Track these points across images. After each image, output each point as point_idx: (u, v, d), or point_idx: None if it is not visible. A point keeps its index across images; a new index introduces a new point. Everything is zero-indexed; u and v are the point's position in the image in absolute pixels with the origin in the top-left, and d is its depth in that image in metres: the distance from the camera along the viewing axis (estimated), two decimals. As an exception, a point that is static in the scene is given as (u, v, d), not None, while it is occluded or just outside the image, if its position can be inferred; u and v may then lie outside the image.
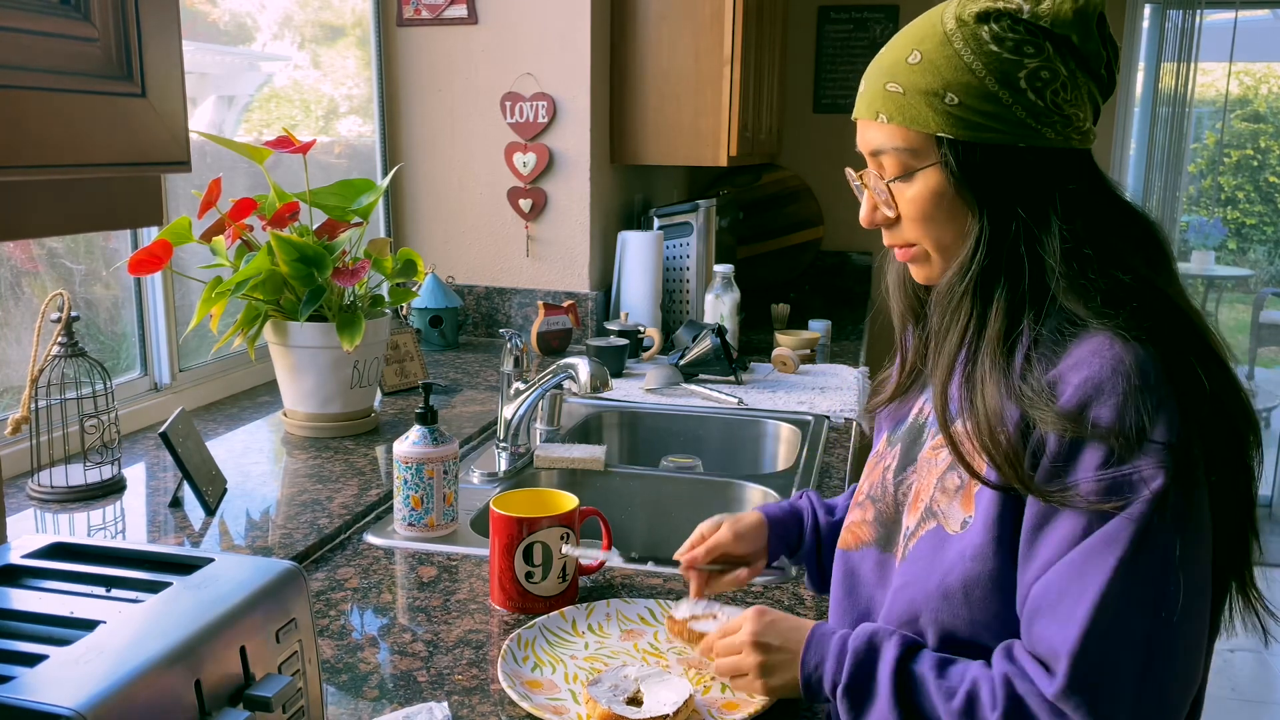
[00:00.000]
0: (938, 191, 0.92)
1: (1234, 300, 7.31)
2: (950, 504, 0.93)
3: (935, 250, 0.96)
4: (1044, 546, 0.85)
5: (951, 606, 0.91)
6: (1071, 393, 0.83)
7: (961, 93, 0.89)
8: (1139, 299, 0.87)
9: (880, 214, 0.98)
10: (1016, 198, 0.90)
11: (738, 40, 2.68)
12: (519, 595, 1.24)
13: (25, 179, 0.66)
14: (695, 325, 2.48)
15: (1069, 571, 0.83)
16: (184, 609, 0.74)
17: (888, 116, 0.92)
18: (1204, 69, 5.04)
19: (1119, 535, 0.81)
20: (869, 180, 0.98)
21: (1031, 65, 0.88)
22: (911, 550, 0.96)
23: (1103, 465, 0.82)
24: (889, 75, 0.93)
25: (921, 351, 1.07)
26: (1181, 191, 4.94)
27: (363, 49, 2.75)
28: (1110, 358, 0.83)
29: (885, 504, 1.03)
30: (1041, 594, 0.84)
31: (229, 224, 1.76)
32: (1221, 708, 3.19)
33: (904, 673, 0.90)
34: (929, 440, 1.01)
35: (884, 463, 1.07)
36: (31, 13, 0.64)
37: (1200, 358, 0.86)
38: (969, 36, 0.89)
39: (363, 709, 1.03)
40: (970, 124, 0.89)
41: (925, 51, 0.91)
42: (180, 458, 1.43)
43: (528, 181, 2.73)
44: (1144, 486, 0.81)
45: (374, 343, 1.87)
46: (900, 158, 0.93)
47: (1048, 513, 0.85)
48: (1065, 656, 0.81)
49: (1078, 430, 0.83)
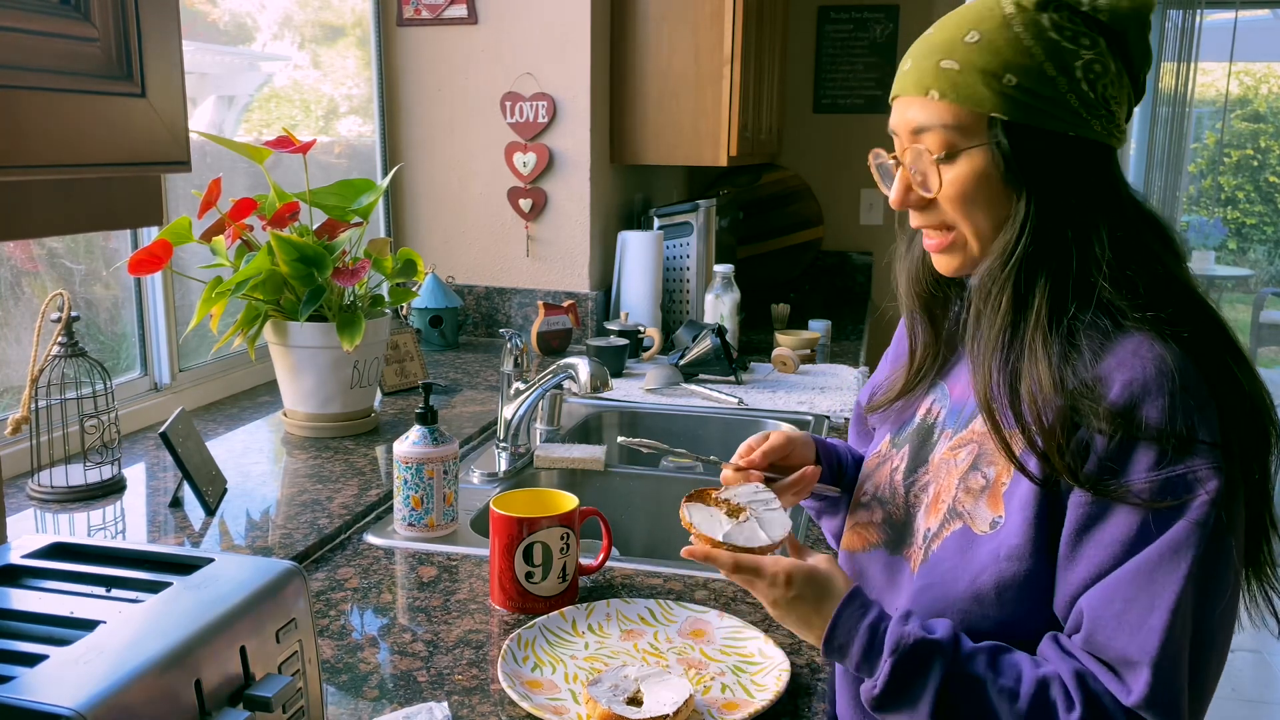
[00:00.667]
0: (983, 173, 0.91)
1: (1234, 300, 7.30)
2: (976, 504, 0.93)
3: (972, 235, 0.94)
4: (1093, 548, 0.85)
5: (982, 608, 0.90)
6: (1119, 391, 0.84)
7: (1020, 75, 0.88)
8: (1176, 297, 0.88)
9: (915, 195, 0.95)
10: (1063, 185, 0.90)
11: (738, 40, 2.68)
12: (519, 595, 1.24)
13: (25, 179, 0.66)
14: (695, 325, 2.48)
15: (1136, 579, 0.82)
16: (184, 609, 0.74)
17: (940, 93, 0.91)
18: (1204, 69, 5.04)
19: (1187, 541, 0.81)
20: (907, 158, 0.95)
21: (1087, 56, 0.89)
22: (935, 552, 0.95)
23: (1155, 465, 0.82)
24: (944, 53, 0.91)
25: (934, 348, 1.07)
26: (1181, 191, 4.94)
27: (363, 49, 2.75)
28: (1153, 358, 0.84)
29: (895, 505, 1.02)
30: (1104, 602, 0.83)
31: (229, 224, 1.76)
32: (1221, 708, 3.19)
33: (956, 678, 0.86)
34: (944, 441, 1.00)
35: (890, 464, 1.06)
36: (31, 13, 0.64)
37: (1234, 358, 0.87)
38: (1029, 21, 0.89)
39: (363, 709, 1.03)
40: (1026, 107, 0.89)
41: (984, 32, 0.90)
42: (180, 458, 1.43)
43: (528, 181, 2.73)
44: (1199, 487, 0.81)
45: (374, 343, 1.87)
46: (947, 136, 0.91)
47: (1095, 514, 0.85)
48: (1147, 667, 0.80)
49: (1129, 430, 0.83)
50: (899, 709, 0.89)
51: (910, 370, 1.08)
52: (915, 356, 1.08)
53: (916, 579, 0.97)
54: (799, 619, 0.95)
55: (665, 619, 1.21)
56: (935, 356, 1.07)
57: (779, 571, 0.95)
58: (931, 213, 0.96)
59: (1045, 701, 0.84)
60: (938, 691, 0.86)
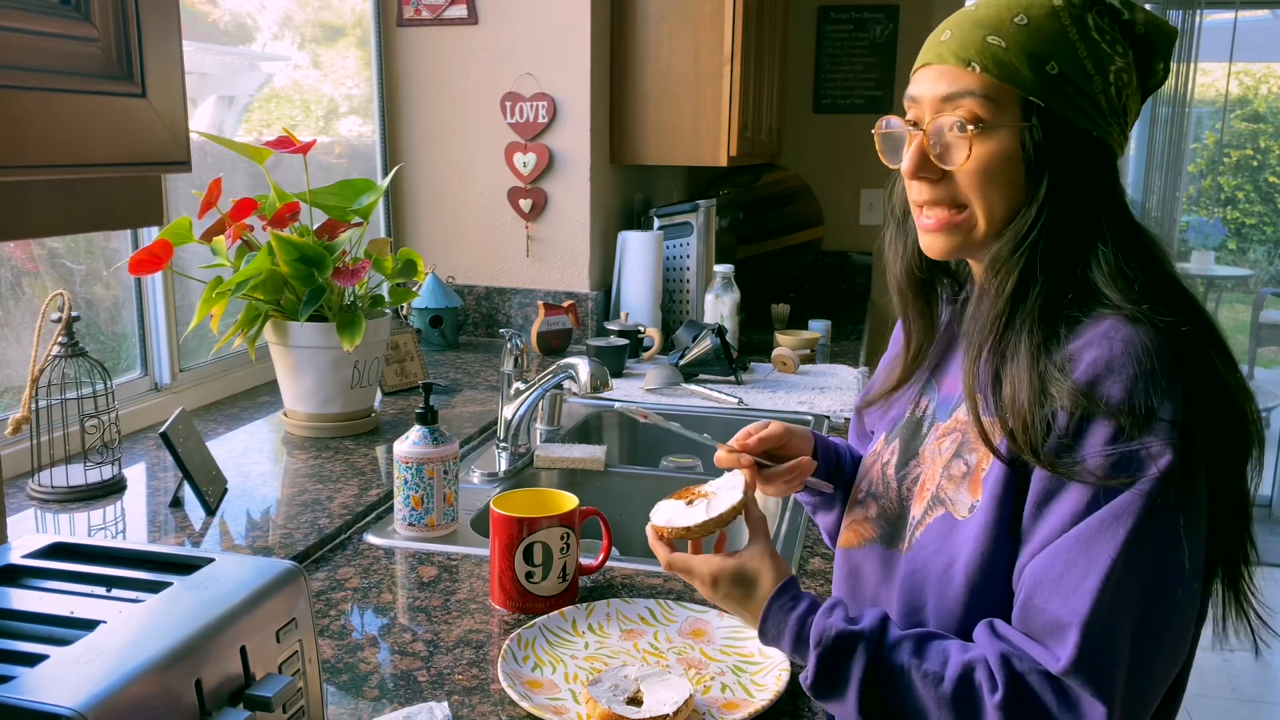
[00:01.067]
0: (1007, 154, 0.90)
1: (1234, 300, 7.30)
2: (958, 490, 0.94)
3: (983, 216, 0.93)
4: (1046, 522, 0.86)
5: (956, 590, 0.91)
6: (1083, 369, 0.85)
7: (1064, 65, 0.89)
8: (1172, 295, 0.89)
9: (933, 165, 0.93)
10: (1080, 181, 0.91)
11: (738, 40, 2.68)
12: (519, 595, 1.24)
13: (25, 179, 0.66)
14: (695, 325, 2.48)
15: (1075, 545, 0.83)
16: (184, 609, 0.74)
17: (983, 67, 0.90)
18: (1204, 69, 5.04)
19: (1128, 509, 0.82)
20: (931, 126, 0.93)
21: (1119, 64, 0.91)
22: (919, 538, 0.96)
23: (1111, 441, 0.83)
24: (991, 29, 0.91)
25: (928, 336, 1.07)
26: (1181, 191, 4.94)
27: (363, 49, 2.75)
28: (1121, 338, 0.85)
29: (889, 500, 1.03)
30: (1045, 567, 0.84)
31: (229, 224, 1.76)
32: (1221, 708, 3.19)
33: (879, 667, 0.88)
34: (932, 433, 1.01)
35: (882, 459, 1.07)
36: (31, 13, 0.64)
37: (1218, 353, 0.88)
38: (1076, 17, 0.90)
39: (363, 709, 1.03)
40: (1064, 97, 0.89)
41: (1033, 18, 0.90)
42: (180, 458, 1.43)
43: (528, 181, 2.73)
44: (1151, 463, 0.82)
45: (374, 343, 1.87)
46: (982, 110, 0.90)
47: (1053, 488, 0.85)
48: (1076, 628, 0.81)
49: (1088, 406, 0.83)
50: (831, 698, 0.91)
51: (905, 361, 1.08)
52: (910, 347, 1.08)
53: (902, 566, 0.98)
54: (736, 613, 1.01)
55: (665, 619, 1.21)
56: (929, 345, 1.07)
57: (706, 572, 1.00)
58: (944, 187, 0.94)
59: (969, 685, 0.85)
60: (862, 681, 0.88)
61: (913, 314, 1.08)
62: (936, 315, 1.08)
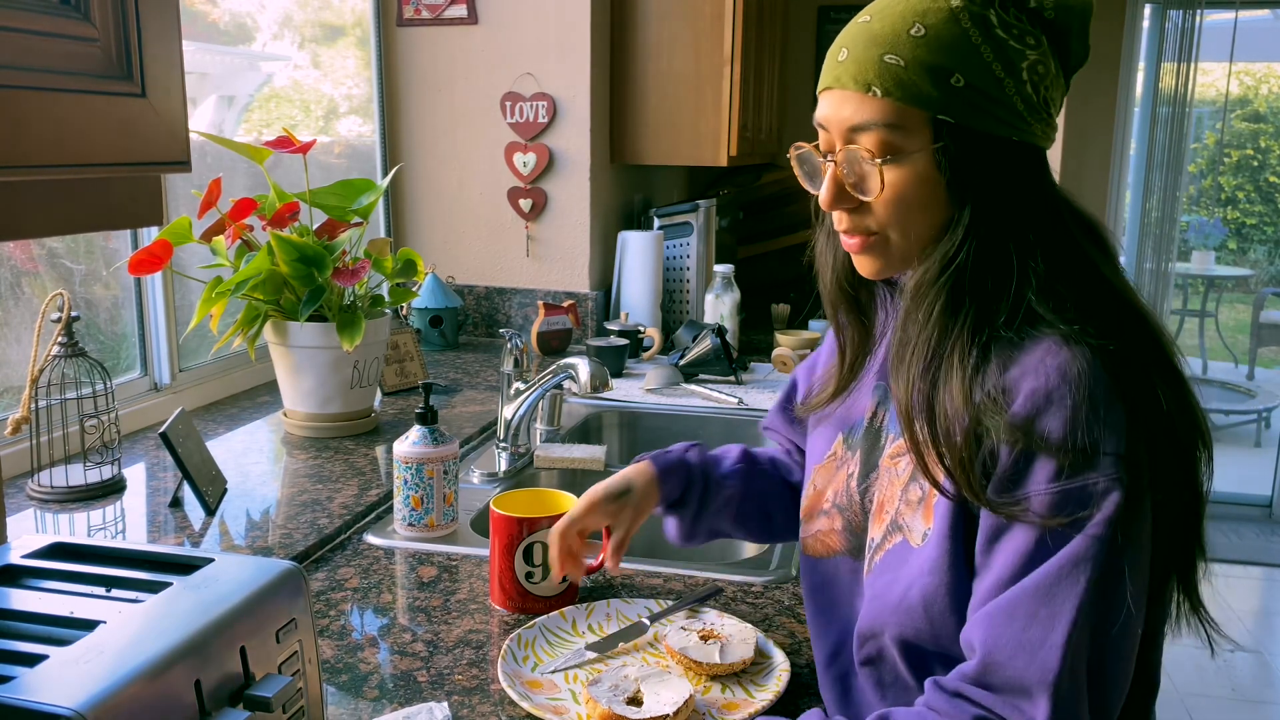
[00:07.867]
0: (924, 177, 0.85)
1: (1234, 300, 7.31)
2: (913, 516, 0.90)
3: (902, 239, 0.89)
4: (997, 559, 0.82)
5: (914, 621, 0.88)
6: (1021, 402, 0.81)
7: (969, 74, 0.83)
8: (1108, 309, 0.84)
9: (850, 195, 0.89)
10: (1003, 191, 0.86)
11: (738, 40, 2.68)
12: (519, 595, 1.24)
13: (25, 179, 0.66)
14: (695, 325, 2.48)
15: (1035, 596, 0.79)
16: (184, 609, 0.74)
17: (883, 90, 0.84)
18: (1204, 69, 5.04)
19: (1085, 556, 0.78)
20: (842, 158, 0.87)
21: (1032, 58, 0.85)
22: (878, 563, 0.94)
23: (1054, 479, 0.79)
24: (886, 46, 0.84)
25: (864, 345, 1.02)
26: (1181, 191, 4.93)
27: (363, 49, 2.75)
28: (1057, 365, 0.80)
29: (853, 513, 1.00)
30: (1005, 620, 0.80)
31: (229, 224, 1.76)
32: (1221, 708, 3.19)
33: None
34: (889, 446, 0.97)
35: (846, 469, 1.02)
36: (31, 13, 0.64)
37: (1160, 371, 0.84)
38: (977, 18, 0.84)
39: (363, 709, 1.03)
40: (975, 108, 0.84)
41: (929, 26, 0.84)
42: (180, 458, 1.43)
43: (528, 181, 2.73)
44: (1100, 501, 0.78)
45: (374, 343, 1.87)
46: (889, 137, 0.85)
47: (1001, 526, 0.82)
48: (1046, 688, 0.77)
49: (1028, 443, 0.80)
50: None
51: (842, 370, 1.04)
52: (845, 356, 1.03)
53: (865, 589, 0.95)
54: None
55: (665, 619, 1.21)
56: (866, 354, 1.03)
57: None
58: (863, 215, 0.89)
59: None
60: None
61: (847, 324, 1.03)
62: (872, 326, 1.03)
